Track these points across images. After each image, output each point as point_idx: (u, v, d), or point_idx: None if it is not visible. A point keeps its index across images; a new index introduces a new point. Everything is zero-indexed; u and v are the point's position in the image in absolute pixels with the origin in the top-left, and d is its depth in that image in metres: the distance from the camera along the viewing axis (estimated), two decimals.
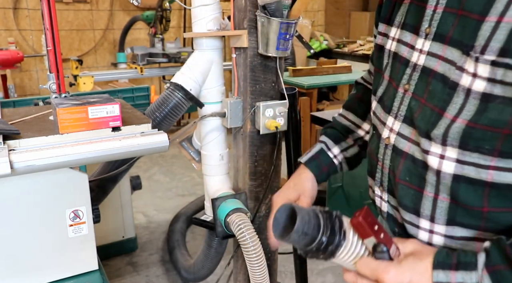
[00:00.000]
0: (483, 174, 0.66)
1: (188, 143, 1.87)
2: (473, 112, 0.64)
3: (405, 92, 0.77)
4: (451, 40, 0.68)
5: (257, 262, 1.45)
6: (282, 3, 1.47)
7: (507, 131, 0.62)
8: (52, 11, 1.39)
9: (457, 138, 0.67)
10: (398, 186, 0.78)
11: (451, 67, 0.68)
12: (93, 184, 1.81)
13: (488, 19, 0.62)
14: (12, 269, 1.32)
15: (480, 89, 0.63)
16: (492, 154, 0.64)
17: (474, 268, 0.63)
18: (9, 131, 1.19)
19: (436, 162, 0.70)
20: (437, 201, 0.72)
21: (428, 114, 0.71)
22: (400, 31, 0.81)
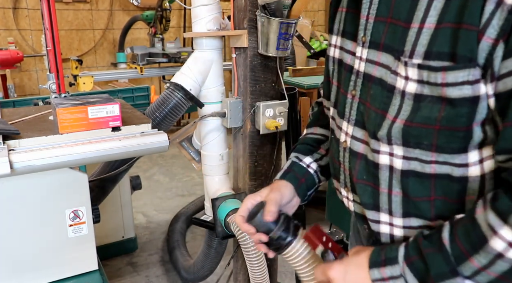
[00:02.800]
0: (427, 168, 0.72)
1: (188, 143, 1.87)
2: (409, 112, 0.70)
3: (353, 97, 0.82)
4: (384, 46, 0.74)
5: (257, 262, 1.45)
6: (282, 3, 1.47)
7: (438, 126, 0.68)
8: (52, 11, 1.38)
9: (399, 137, 0.73)
10: (357, 185, 0.84)
11: (386, 72, 0.73)
12: (93, 184, 1.81)
13: (412, 25, 0.68)
14: (12, 269, 1.32)
15: (412, 90, 0.69)
16: (431, 149, 0.70)
17: (396, 261, 0.71)
18: (9, 131, 1.19)
19: (387, 159, 0.76)
20: (392, 196, 0.77)
21: (373, 116, 0.77)
22: (341, 39, 0.86)
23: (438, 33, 0.65)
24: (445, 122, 0.67)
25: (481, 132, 0.67)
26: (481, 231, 0.62)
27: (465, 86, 0.64)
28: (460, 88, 0.64)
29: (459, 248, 0.64)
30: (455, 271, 0.65)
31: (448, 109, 0.66)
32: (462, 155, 0.69)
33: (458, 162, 0.70)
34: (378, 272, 0.73)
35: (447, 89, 0.65)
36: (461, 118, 0.66)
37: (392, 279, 0.71)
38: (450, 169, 0.70)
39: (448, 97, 0.65)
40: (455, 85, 0.64)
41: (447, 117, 0.67)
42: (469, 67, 0.63)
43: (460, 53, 0.63)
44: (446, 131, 0.68)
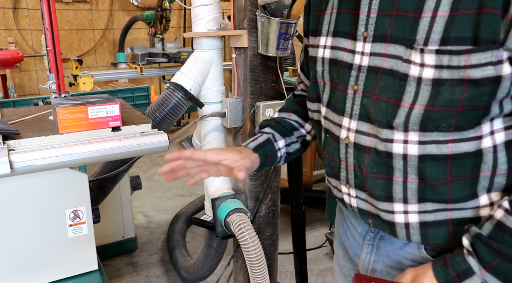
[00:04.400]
0: (444, 148, 0.74)
1: (188, 143, 1.87)
2: (428, 98, 0.72)
3: (355, 92, 0.83)
4: (391, 38, 0.76)
5: (257, 262, 1.45)
6: (282, 3, 1.47)
7: (461, 108, 0.71)
8: (52, 11, 1.38)
9: (417, 123, 0.74)
10: (367, 179, 0.84)
11: (397, 61, 0.75)
12: (93, 184, 1.81)
13: (424, 15, 0.71)
14: (12, 269, 1.32)
15: (430, 76, 0.71)
16: (449, 130, 0.73)
17: (472, 272, 0.71)
18: (9, 131, 1.19)
19: (401, 147, 0.77)
20: (407, 184, 0.79)
21: (384, 107, 0.78)
22: (333, 39, 0.88)
23: (455, 20, 0.68)
24: (469, 103, 0.70)
25: (498, 108, 0.71)
26: None
27: (488, 66, 0.67)
28: (483, 69, 0.67)
29: None
30: None
31: (471, 90, 0.69)
32: (476, 128, 0.73)
33: (472, 136, 0.73)
34: None
35: (470, 70, 0.68)
36: (484, 97, 0.69)
37: None
38: (466, 146, 0.73)
39: (471, 78, 0.68)
40: (478, 66, 0.68)
41: (470, 98, 0.70)
42: (492, 49, 0.66)
43: (482, 36, 0.66)
44: (468, 111, 0.71)
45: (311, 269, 2.50)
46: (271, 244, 1.86)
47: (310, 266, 2.22)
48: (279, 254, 1.98)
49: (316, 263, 2.59)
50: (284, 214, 1.99)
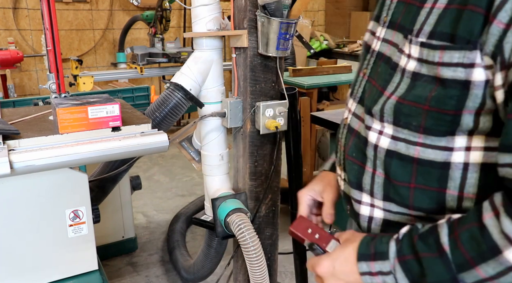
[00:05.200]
0: (411, 150, 0.71)
1: (188, 143, 1.87)
2: (404, 90, 0.71)
3: (363, 75, 0.84)
4: (399, 26, 0.75)
5: (257, 262, 1.45)
6: (282, 3, 1.47)
7: (427, 107, 0.68)
8: (52, 11, 1.38)
9: (390, 114, 0.73)
10: (346, 161, 0.85)
11: (395, 50, 0.75)
12: (92, 184, 1.81)
13: (426, 5, 0.69)
14: (12, 269, 1.32)
15: (412, 68, 0.70)
16: (419, 131, 0.70)
17: (386, 257, 0.70)
18: (9, 131, 1.19)
19: (375, 137, 0.76)
20: (375, 176, 0.78)
21: (374, 93, 0.78)
22: (372, 23, 0.87)
23: (446, 14, 0.65)
24: (434, 103, 0.67)
25: (472, 122, 0.65)
26: (492, 240, 0.58)
27: (459, 68, 0.63)
28: (454, 70, 0.64)
29: (463, 255, 0.61)
30: (455, 279, 0.62)
31: (439, 90, 0.66)
32: (448, 138, 0.68)
33: (443, 145, 0.68)
34: (366, 266, 0.72)
35: (441, 68, 0.65)
36: (450, 100, 0.65)
37: (381, 275, 0.71)
38: (434, 154, 0.69)
39: (441, 77, 0.65)
40: (449, 66, 0.64)
41: (436, 98, 0.66)
42: (466, 49, 0.62)
43: (459, 34, 0.63)
44: (434, 113, 0.67)
45: None
46: (271, 244, 1.86)
47: None
48: (279, 254, 1.98)
49: None
50: (284, 214, 1.99)
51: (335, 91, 5.49)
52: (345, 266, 0.75)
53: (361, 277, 0.73)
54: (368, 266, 0.72)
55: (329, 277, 0.77)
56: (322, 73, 3.73)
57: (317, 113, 2.90)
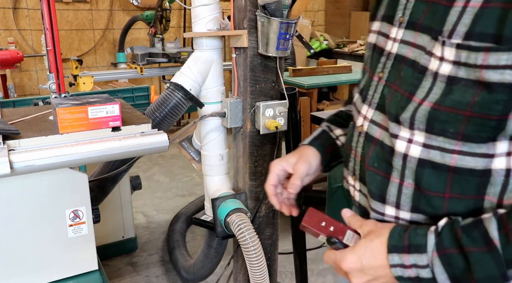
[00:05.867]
0: (447, 158, 0.67)
1: (188, 143, 1.87)
2: (439, 95, 0.67)
3: (379, 80, 0.79)
4: (422, 27, 0.71)
5: (257, 262, 1.45)
6: (282, 3, 1.47)
7: (469, 113, 0.64)
8: (52, 11, 1.38)
9: (423, 121, 0.69)
10: (367, 172, 0.80)
11: (421, 53, 0.70)
12: (93, 184, 1.81)
13: (456, 4, 0.64)
14: (12, 269, 1.32)
15: (446, 72, 0.65)
16: (456, 138, 0.66)
17: (424, 250, 0.66)
18: (9, 131, 1.19)
19: (404, 146, 0.72)
20: (402, 187, 0.73)
21: (399, 99, 0.73)
22: (381, 23, 0.83)
23: (484, 13, 0.61)
24: (478, 109, 0.63)
25: None
26: None
27: (507, 70, 0.60)
28: (502, 72, 0.60)
29: None
30: (506, 275, 0.60)
31: (483, 94, 0.62)
32: (490, 144, 0.64)
33: (483, 152, 0.65)
34: (398, 258, 0.68)
35: (486, 71, 0.61)
36: (497, 105, 0.62)
37: (416, 267, 0.67)
38: (474, 162, 0.66)
39: (486, 81, 0.61)
40: (496, 68, 0.60)
41: (481, 103, 0.63)
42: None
43: (506, 34, 0.59)
44: (477, 119, 0.64)
45: (311, 269, 2.50)
46: (271, 244, 1.86)
47: (310, 266, 2.22)
48: (279, 254, 1.98)
49: (316, 263, 2.59)
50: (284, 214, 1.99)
51: (335, 91, 5.49)
52: (373, 260, 0.71)
53: (391, 269, 0.69)
54: (401, 259, 0.68)
55: (356, 273, 0.72)
56: (322, 73, 3.73)
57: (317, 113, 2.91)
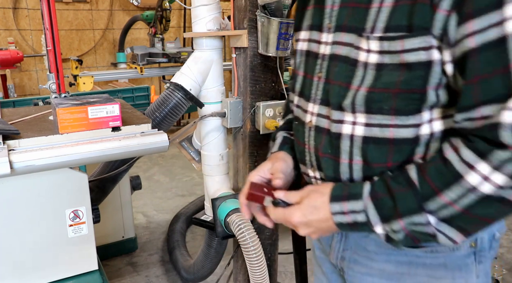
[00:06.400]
0: (386, 132, 0.80)
1: (188, 143, 1.87)
2: (371, 80, 0.79)
3: (319, 79, 0.91)
4: (348, 28, 0.84)
5: (257, 262, 1.45)
6: (282, 3, 1.47)
7: (397, 90, 0.77)
8: (52, 11, 1.38)
9: (362, 104, 0.80)
10: (322, 160, 0.90)
11: (350, 49, 0.82)
12: (93, 184, 1.81)
13: (373, 5, 0.79)
14: (12, 269, 1.32)
15: (374, 61, 0.78)
16: (390, 113, 0.78)
17: (360, 197, 0.78)
18: (9, 131, 1.19)
19: (350, 129, 0.83)
20: (353, 165, 0.85)
21: (337, 90, 0.85)
22: (310, 33, 0.95)
23: (396, 9, 0.76)
24: (403, 85, 0.76)
25: (435, 96, 0.76)
26: (454, 169, 0.70)
27: (420, 51, 0.73)
28: (417, 54, 0.74)
29: (429, 186, 0.72)
30: (422, 208, 0.72)
31: (406, 73, 0.75)
32: (416, 115, 0.77)
33: (412, 123, 0.78)
34: (339, 206, 0.80)
35: (405, 55, 0.75)
36: (417, 80, 0.75)
37: (353, 213, 0.78)
38: (406, 132, 0.78)
39: (406, 62, 0.75)
40: (412, 51, 0.74)
41: (405, 81, 0.76)
42: (423, 35, 0.73)
43: (415, 23, 0.73)
44: (404, 94, 0.77)
45: (311, 269, 2.50)
46: (271, 244, 1.86)
47: (310, 266, 2.22)
48: (279, 254, 1.98)
49: None
50: None
51: None
52: (316, 215, 0.82)
53: (332, 216, 0.80)
54: (341, 207, 0.80)
55: (303, 226, 0.84)
56: None
57: None
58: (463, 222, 0.71)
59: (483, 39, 0.68)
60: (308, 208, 0.83)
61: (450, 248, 0.84)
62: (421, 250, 0.85)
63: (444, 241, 0.74)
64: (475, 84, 0.69)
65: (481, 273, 0.87)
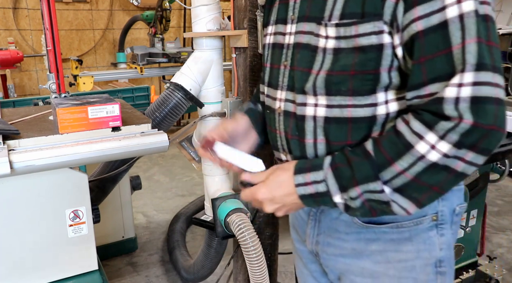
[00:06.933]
0: (345, 112, 0.87)
1: (188, 143, 1.87)
2: (330, 64, 0.86)
3: (285, 67, 0.97)
4: (308, 18, 0.91)
5: (257, 262, 1.45)
6: None
7: (353, 72, 0.84)
8: (52, 11, 1.38)
9: (323, 87, 0.88)
10: (291, 142, 0.97)
11: (311, 37, 0.90)
12: (93, 184, 1.81)
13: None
14: (12, 269, 1.32)
15: (332, 46, 0.86)
16: (348, 94, 0.85)
17: (321, 168, 0.85)
18: (9, 131, 1.19)
19: (312, 110, 0.90)
20: (317, 144, 0.91)
21: (299, 75, 0.92)
22: (275, 27, 1.02)
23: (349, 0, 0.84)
24: (358, 67, 0.83)
25: (387, 78, 0.83)
26: (405, 139, 0.76)
27: (372, 35, 0.81)
28: (369, 38, 0.81)
29: (384, 156, 0.79)
30: (377, 176, 0.79)
31: (360, 56, 0.83)
32: (372, 96, 0.84)
33: (368, 102, 0.85)
34: (302, 178, 0.86)
35: (359, 39, 0.82)
36: (370, 62, 0.82)
37: (315, 183, 0.85)
38: (363, 111, 0.85)
39: (360, 46, 0.82)
40: (364, 35, 0.82)
41: (359, 62, 0.83)
42: (374, 20, 0.80)
43: (367, 10, 0.81)
44: (359, 75, 0.84)
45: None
46: (271, 244, 1.86)
47: None
48: (279, 254, 1.98)
49: None
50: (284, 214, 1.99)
51: None
52: (281, 190, 0.88)
53: (296, 188, 0.86)
54: (304, 178, 0.86)
55: (268, 202, 0.89)
56: None
57: None
58: (414, 191, 0.78)
59: (427, 24, 0.75)
60: (272, 183, 0.89)
61: (414, 222, 0.90)
62: (387, 226, 0.91)
63: (398, 211, 0.80)
64: (422, 64, 0.76)
65: (444, 245, 0.93)
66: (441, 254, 0.94)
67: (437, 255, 0.93)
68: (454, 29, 0.73)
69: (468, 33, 0.72)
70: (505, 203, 3.48)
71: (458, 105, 0.71)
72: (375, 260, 0.95)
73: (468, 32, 0.72)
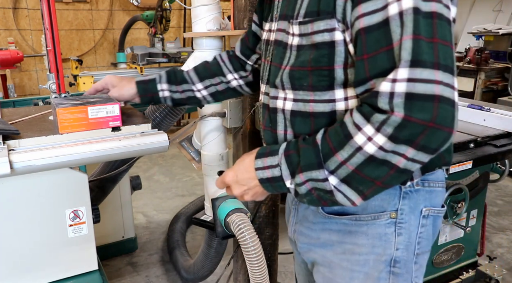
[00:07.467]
0: (307, 106, 0.91)
1: (188, 143, 1.87)
2: (293, 60, 0.92)
3: (267, 62, 1.04)
4: (284, 16, 0.97)
5: (257, 262, 1.45)
6: None
7: (310, 68, 0.89)
8: (52, 11, 1.38)
9: (288, 81, 0.93)
10: (265, 132, 1.03)
11: (284, 34, 0.96)
12: (93, 184, 1.81)
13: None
14: (12, 269, 1.32)
15: (296, 43, 0.91)
16: (309, 89, 0.90)
17: (277, 153, 0.89)
18: (9, 131, 1.19)
19: (282, 103, 0.96)
20: (287, 135, 0.97)
21: (273, 70, 0.99)
22: (269, 23, 1.07)
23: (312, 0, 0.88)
24: (313, 63, 0.88)
25: (343, 75, 0.86)
26: (347, 130, 0.79)
27: (325, 33, 0.85)
28: (322, 35, 0.86)
29: (328, 145, 0.82)
30: (321, 165, 0.81)
31: (315, 52, 0.87)
32: (330, 92, 0.89)
33: (327, 98, 0.89)
34: (261, 162, 0.91)
35: (314, 36, 0.87)
36: (323, 58, 0.86)
37: (271, 168, 0.89)
38: (323, 107, 0.90)
39: (315, 42, 0.87)
40: (318, 33, 0.86)
41: (315, 59, 0.88)
42: (327, 19, 0.84)
43: (322, 9, 0.85)
44: (316, 71, 0.88)
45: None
46: (271, 244, 1.86)
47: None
48: (279, 254, 1.98)
49: None
50: (284, 214, 2.00)
51: None
52: (245, 173, 0.93)
53: (256, 172, 0.91)
54: (262, 162, 0.90)
55: (235, 185, 0.95)
56: None
57: None
58: (357, 183, 0.80)
59: (370, 21, 0.77)
60: (239, 167, 0.95)
61: (372, 217, 0.92)
62: (347, 218, 0.94)
63: (342, 201, 0.82)
64: (365, 60, 0.79)
65: (401, 246, 0.93)
66: (397, 253, 0.93)
67: (391, 254, 0.93)
68: (395, 26, 0.75)
69: (405, 30, 0.73)
70: (505, 203, 3.48)
71: (392, 100, 0.73)
72: (335, 251, 0.97)
73: (405, 29, 0.73)
